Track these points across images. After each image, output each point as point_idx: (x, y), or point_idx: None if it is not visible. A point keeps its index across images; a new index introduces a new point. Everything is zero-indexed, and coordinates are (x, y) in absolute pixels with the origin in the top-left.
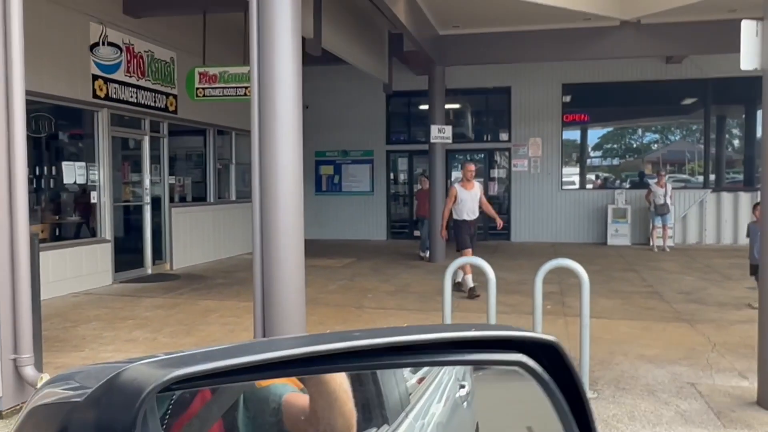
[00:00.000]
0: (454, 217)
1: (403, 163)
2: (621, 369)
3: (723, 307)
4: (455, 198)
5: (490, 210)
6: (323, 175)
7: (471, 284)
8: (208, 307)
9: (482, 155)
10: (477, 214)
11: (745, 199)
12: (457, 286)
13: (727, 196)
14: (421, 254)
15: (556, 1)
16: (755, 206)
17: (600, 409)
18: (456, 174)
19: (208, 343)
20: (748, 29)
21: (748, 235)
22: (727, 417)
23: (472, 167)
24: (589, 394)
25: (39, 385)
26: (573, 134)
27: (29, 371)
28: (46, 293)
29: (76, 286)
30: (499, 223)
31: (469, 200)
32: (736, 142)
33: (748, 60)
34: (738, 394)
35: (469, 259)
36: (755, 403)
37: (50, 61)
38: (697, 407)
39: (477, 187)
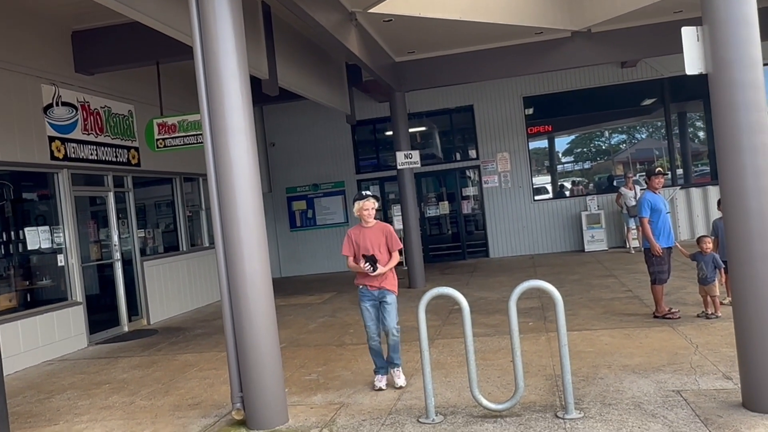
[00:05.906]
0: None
1: (375, 191)
2: (606, 383)
3: (703, 306)
4: None
5: None
6: (296, 210)
7: None
8: (187, 362)
9: (453, 175)
10: None
11: (714, 192)
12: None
13: (696, 192)
14: (398, 383)
15: (505, 19)
16: (719, 202)
17: (587, 429)
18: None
19: (187, 401)
20: (689, 35)
21: (714, 234)
22: (714, 423)
23: None
24: (575, 414)
25: None
26: (540, 144)
27: None
28: (19, 364)
29: (49, 353)
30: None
31: None
32: (701, 134)
33: (692, 64)
34: (723, 398)
35: (441, 290)
36: (741, 405)
37: (3, 128)
38: (684, 416)
39: None
